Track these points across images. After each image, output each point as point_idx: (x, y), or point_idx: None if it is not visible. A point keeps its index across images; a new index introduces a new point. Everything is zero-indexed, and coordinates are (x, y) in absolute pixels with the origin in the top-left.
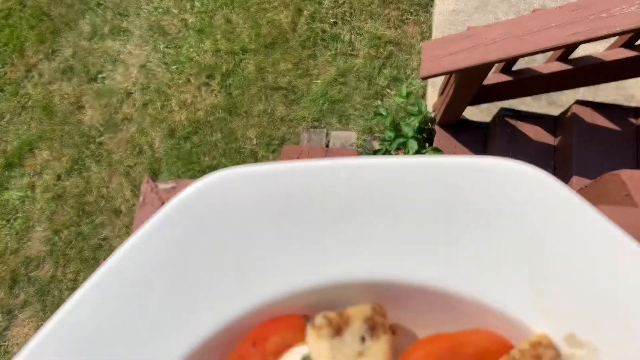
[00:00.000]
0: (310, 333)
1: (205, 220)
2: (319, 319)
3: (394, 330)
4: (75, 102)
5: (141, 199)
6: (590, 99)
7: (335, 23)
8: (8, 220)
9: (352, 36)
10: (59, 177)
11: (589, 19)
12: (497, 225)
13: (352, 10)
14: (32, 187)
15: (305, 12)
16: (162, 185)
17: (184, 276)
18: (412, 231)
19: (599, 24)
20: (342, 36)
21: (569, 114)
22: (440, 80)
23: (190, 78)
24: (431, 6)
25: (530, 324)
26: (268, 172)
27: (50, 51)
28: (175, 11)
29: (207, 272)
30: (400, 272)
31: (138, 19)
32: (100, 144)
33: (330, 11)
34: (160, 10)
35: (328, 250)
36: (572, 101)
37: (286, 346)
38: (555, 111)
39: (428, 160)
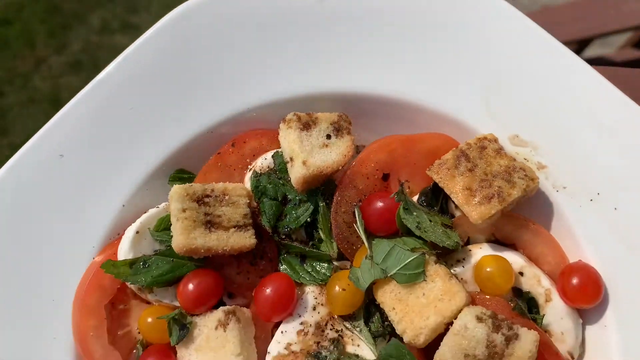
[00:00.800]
0: (281, 127)
1: (192, 34)
2: (289, 115)
3: (359, 150)
4: None
5: None
6: None
7: None
8: None
9: None
10: None
11: (598, 15)
12: (453, 40)
13: None
14: None
15: None
16: None
17: (175, 80)
18: (377, 47)
19: (609, 20)
20: None
21: None
22: None
23: None
24: None
25: (479, 128)
26: None
27: (60, 45)
28: None
29: (192, 80)
30: (366, 84)
31: (148, 15)
32: None
33: None
34: (170, 6)
35: (301, 64)
36: None
37: (262, 150)
38: None
39: None
